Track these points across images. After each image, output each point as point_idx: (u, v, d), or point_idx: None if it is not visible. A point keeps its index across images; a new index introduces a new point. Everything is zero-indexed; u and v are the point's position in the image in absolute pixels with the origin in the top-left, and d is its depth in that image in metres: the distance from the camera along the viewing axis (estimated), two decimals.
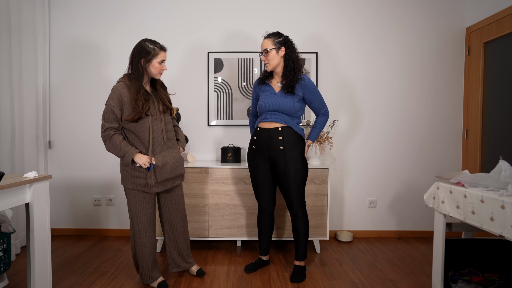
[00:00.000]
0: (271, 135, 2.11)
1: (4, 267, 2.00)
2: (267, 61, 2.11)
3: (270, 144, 2.13)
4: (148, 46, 1.87)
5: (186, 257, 2.23)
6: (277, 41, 2.10)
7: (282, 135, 2.10)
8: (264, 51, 2.10)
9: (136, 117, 1.84)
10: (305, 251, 2.27)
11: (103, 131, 1.86)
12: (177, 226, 2.14)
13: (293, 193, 2.15)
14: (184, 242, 2.19)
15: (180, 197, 2.14)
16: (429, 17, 3.08)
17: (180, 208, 2.15)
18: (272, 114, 2.12)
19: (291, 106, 2.09)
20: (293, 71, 2.11)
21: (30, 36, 2.84)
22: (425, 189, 3.13)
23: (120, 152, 1.86)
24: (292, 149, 2.11)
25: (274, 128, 2.12)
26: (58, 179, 3.14)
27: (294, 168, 2.11)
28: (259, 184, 2.25)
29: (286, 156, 2.10)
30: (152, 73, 1.92)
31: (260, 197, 2.29)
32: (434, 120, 3.12)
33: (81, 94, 3.11)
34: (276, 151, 2.12)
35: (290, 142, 2.11)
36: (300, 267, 2.27)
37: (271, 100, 2.12)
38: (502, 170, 1.56)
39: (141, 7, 3.08)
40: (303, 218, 2.21)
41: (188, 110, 3.11)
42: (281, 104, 2.09)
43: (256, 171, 2.23)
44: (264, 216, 2.33)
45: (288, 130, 2.11)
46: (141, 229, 1.99)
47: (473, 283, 1.84)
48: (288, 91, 2.09)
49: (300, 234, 2.22)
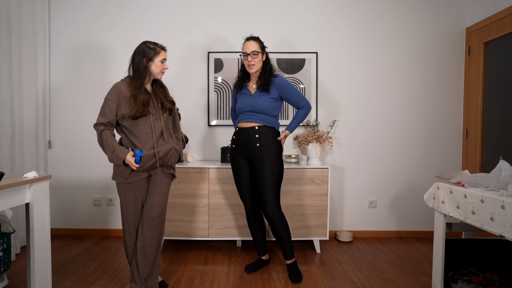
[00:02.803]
0: (248, 134, 2.18)
1: (4, 267, 2.00)
2: (254, 63, 2.15)
3: (247, 142, 2.19)
4: (149, 46, 1.90)
5: (143, 277, 1.93)
6: (261, 45, 2.19)
7: (259, 133, 2.17)
8: (252, 52, 2.14)
9: (138, 113, 1.83)
10: (291, 249, 2.26)
11: (95, 124, 1.86)
12: (145, 234, 1.91)
13: (268, 191, 2.14)
14: (145, 259, 1.91)
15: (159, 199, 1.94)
16: (429, 17, 3.08)
17: (155, 215, 1.93)
18: (248, 114, 2.20)
19: (267, 106, 2.17)
20: (269, 73, 2.20)
21: (30, 36, 2.83)
22: (425, 189, 3.13)
23: (108, 149, 1.82)
24: (268, 146, 2.17)
25: (251, 127, 2.18)
26: (58, 179, 3.14)
27: (270, 164, 2.16)
28: (242, 184, 2.28)
29: (262, 153, 2.16)
30: (154, 71, 1.92)
31: (244, 197, 2.31)
32: (434, 120, 3.12)
33: (81, 94, 3.11)
34: (253, 148, 2.17)
35: (266, 140, 2.18)
36: (292, 264, 2.27)
37: (247, 102, 2.20)
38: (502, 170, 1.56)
39: (141, 7, 3.08)
40: (281, 222, 2.18)
41: (188, 110, 3.11)
42: (256, 104, 2.16)
43: (238, 170, 2.28)
44: (251, 217, 2.34)
45: (264, 128, 2.18)
46: (131, 230, 1.96)
47: (473, 283, 1.84)
48: (263, 89, 2.16)
49: (282, 237, 2.20)
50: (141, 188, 1.94)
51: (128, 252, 1.99)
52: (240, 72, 2.31)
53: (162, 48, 1.93)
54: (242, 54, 2.18)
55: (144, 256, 1.92)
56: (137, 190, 1.92)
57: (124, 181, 1.90)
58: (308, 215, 2.70)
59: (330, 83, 3.11)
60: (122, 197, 1.94)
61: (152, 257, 1.94)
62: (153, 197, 1.93)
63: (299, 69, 3.07)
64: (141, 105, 1.84)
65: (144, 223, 1.92)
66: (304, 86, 3.08)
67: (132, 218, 1.94)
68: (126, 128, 1.89)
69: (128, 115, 1.84)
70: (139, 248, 1.92)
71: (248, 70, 2.19)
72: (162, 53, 1.92)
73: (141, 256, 1.92)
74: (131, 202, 1.92)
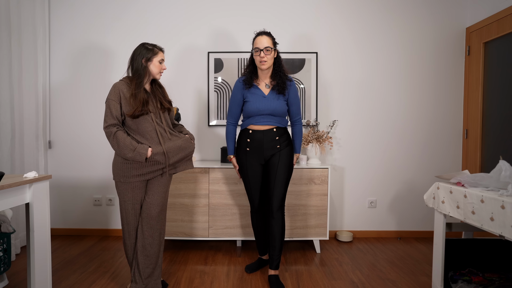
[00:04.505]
0: (267, 136, 2.16)
1: (4, 267, 2.00)
2: (267, 59, 2.06)
3: (265, 145, 2.16)
4: (147, 47, 1.93)
5: (144, 276, 1.94)
6: (273, 41, 2.12)
7: (279, 136, 2.17)
8: (265, 48, 2.05)
9: (137, 112, 1.84)
10: (279, 259, 2.17)
11: (105, 127, 1.85)
12: (145, 234, 1.93)
13: (280, 188, 2.15)
14: (145, 258, 1.93)
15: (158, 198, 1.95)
16: (429, 17, 3.08)
17: (154, 214, 1.94)
18: (265, 117, 2.15)
19: (283, 109, 2.17)
20: (283, 72, 2.16)
21: (30, 36, 2.83)
22: (425, 189, 3.13)
23: (127, 148, 1.81)
24: (285, 148, 2.20)
25: (269, 129, 2.16)
26: (58, 179, 3.14)
27: (288, 162, 2.19)
28: (253, 185, 2.26)
29: (281, 154, 2.18)
30: (153, 71, 1.93)
31: (253, 197, 2.29)
32: (434, 120, 3.12)
33: (81, 94, 3.11)
34: (273, 150, 2.17)
35: (284, 141, 2.20)
36: (277, 276, 2.16)
37: (264, 105, 2.13)
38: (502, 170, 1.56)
39: (140, 7, 3.08)
40: (281, 219, 2.16)
41: (188, 110, 3.11)
42: (275, 108, 2.13)
43: (250, 172, 2.23)
44: (257, 216, 2.34)
45: (280, 130, 2.19)
46: (130, 230, 1.96)
47: (473, 283, 1.84)
48: (279, 91, 2.13)
49: (275, 238, 2.13)
50: (139, 188, 1.94)
51: (128, 252, 1.99)
52: (248, 67, 2.19)
53: (160, 49, 1.97)
54: (254, 50, 2.08)
55: (145, 255, 1.92)
56: (135, 190, 1.93)
57: (126, 180, 1.90)
58: (308, 215, 2.70)
59: (330, 83, 3.11)
60: (121, 197, 1.94)
61: (153, 256, 1.94)
62: (152, 196, 1.94)
63: (299, 69, 3.07)
64: (140, 103, 1.85)
65: (143, 223, 1.93)
66: (304, 86, 3.08)
67: (131, 218, 1.95)
68: (129, 127, 1.90)
69: (127, 113, 1.85)
70: (139, 247, 1.92)
71: (260, 66, 2.09)
72: (160, 54, 1.95)
73: (141, 256, 1.92)
74: (129, 201, 1.93)
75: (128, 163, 1.89)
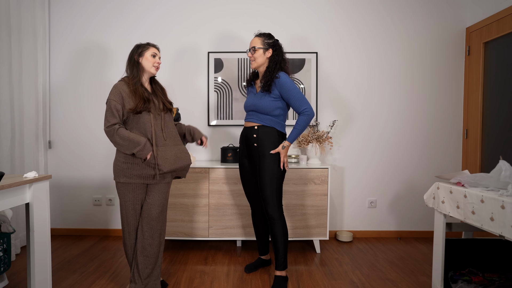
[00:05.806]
0: (248, 133, 2.18)
1: (4, 267, 2.00)
2: (253, 58, 2.15)
3: (247, 142, 2.19)
4: (139, 45, 1.99)
5: (143, 276, 1.94)
6: (266, 41, 2.13)
7: (257, 133, 2.13)
8: (251, 48, 2.14)
9: (139, 107, 1.85)
10: (285, 259, 2.13)
11: (106, 127, 1.85)
12: (145, 234, 1.93)
13: (267, 191, 2.09)
14: (145, 259, 1.93)
15: (158, 199, 1.96)
16: (429, 17, 3.08)
17: (154, 214, 1.95)
18: (251, 114, 2.19)
19: (266, 105, 2.10)
20: (273, 71, 2.12)
21: (30, 36, 2.83)
22: (425, 189, 3.13)
23: (133, 143, 1.81)
24: (266, 146, 2.10)
25: (251, 126, 2.17)
26: (58, 179, 3.14)
27: (268, 163, 2.09)
28: (245, 183, 2.29)
29: (259, 153, 2.11)
30: (146, 65, 1.95)
31: (249, 197, 2.31)
32: (434, 120, 3.12)
33: (81, 94, 3.11)
34: (251, 148, 2.17)
35: (264, 140, 2.11)
36: (281, 277, 2.12)
37: (251, 101, 2.19)
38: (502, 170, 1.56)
39: (140, 7, 3.08)
40: (280, 221, 2.10)
41: (188, 110, 3.11)
42: (257, 104, 2.13)
43: (242, 170, 2.28)
44: (256, 216, 2.34)
45: (263, 128, 2.12)
46: (130, 230, 1.96)
47: (473, 283, 1.84)
48: (264, 89, 2.12)
49: (278, 240, 2.10)
50: (140, 188, 1.94)
51: (128, 252, 1.99)
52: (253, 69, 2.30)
53: (152, 45, 2.00)
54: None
55: (144, 256, 1.92)
56: (136, 190, 1.93)
57: (127, 180, 1.90)
58: (308, 215, 2.70)
59: (330, 83, 3.11)
60: (122, 197, 1.94)
61: (153, 256, 1.94)
62: (152, 197, 1.94)
63: (299, 69, 3.08)
64: (141, 98, 1.87)
65: (143, 223, 1.93)
66: (304, 86, 3.08)
67: (131, 218, 1.95)
68: (129, 125, 1.91)
69: (130, 108, 1.86)
70: (139, 248, 1.92)
71: (251, 65, 2.21)
72: (152, 48, 1.98)
73: (141, 256, 1.92)
74: (130, 202, 1.93)
75: (129, 162, 1.89)
